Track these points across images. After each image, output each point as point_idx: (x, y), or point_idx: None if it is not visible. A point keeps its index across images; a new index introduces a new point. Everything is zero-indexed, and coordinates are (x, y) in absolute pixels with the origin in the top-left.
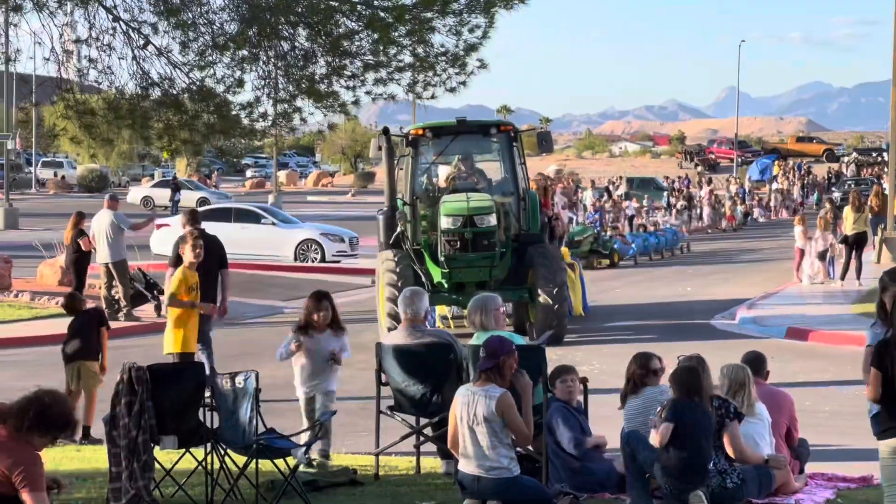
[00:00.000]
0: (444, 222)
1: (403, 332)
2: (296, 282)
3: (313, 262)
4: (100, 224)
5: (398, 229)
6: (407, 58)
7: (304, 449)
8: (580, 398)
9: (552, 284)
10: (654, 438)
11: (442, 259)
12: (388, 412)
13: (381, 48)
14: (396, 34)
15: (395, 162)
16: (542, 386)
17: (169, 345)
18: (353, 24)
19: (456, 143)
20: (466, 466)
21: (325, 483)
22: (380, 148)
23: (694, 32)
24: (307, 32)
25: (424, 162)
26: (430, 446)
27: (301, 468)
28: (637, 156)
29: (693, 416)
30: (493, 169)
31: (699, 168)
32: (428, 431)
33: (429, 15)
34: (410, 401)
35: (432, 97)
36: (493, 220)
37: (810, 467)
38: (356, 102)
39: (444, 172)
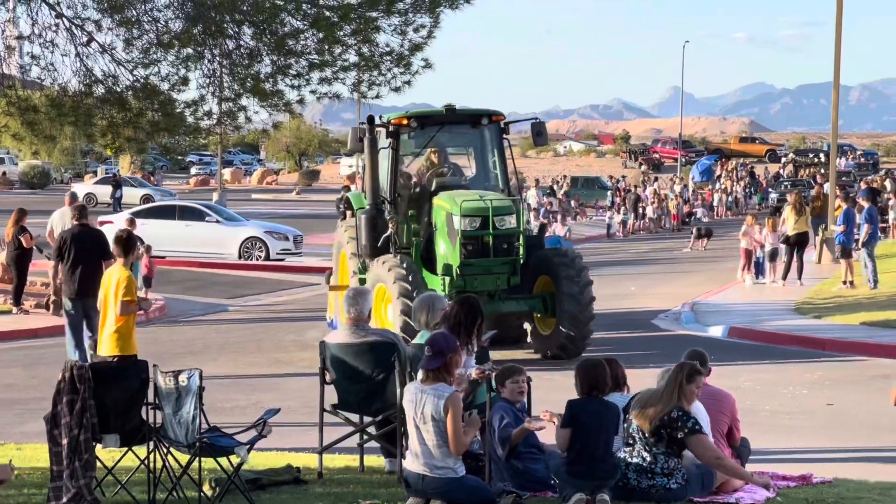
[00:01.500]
0: (461, 223)
1: (347, 331)
2: (240, 280)
3: (258, 260)
4: (61, 221)
5: (389, 231)
6: (352, 57)
7: (247, 447)
8: (524, 399)
9: (579, 286)
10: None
11: (454, 265)
12: (332, 410)
13: (327, 47)
14: (341, 33)
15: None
16: (486, 385)
17: (117, 348)
18: (298, 23)
19: (442, 133)
20: (412, 465)
21: (268, 482)
22: (360, 139)
23: (639, 31)
24: (252, 31)
25: (404, 155)
26: (374, 444)
27: (244, 466)
28: (582, 155)
29: (592, 414)
30: (468, 163)
31: (643, 167)
32: (371, 430)
33: (374, 14)
34: (354, 399)
35: (377, 96)
36: (514, 221)
37: (751, 466)
38: (301, 101)
39: (415, 166)
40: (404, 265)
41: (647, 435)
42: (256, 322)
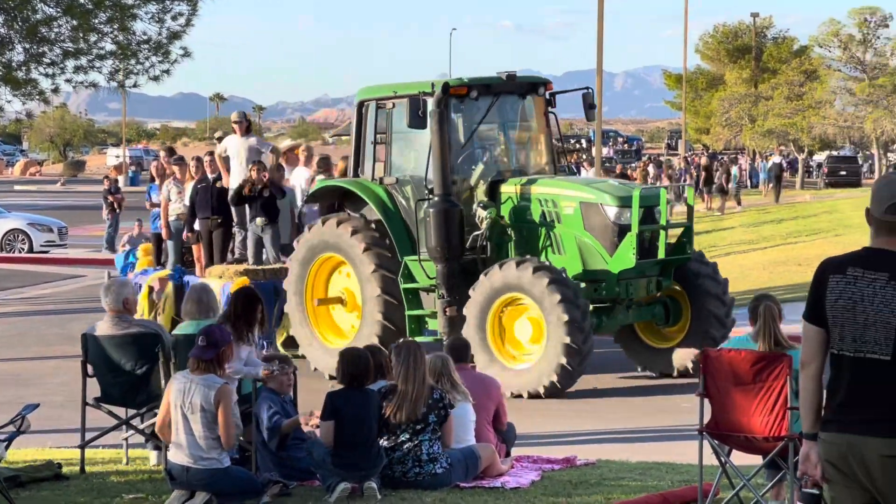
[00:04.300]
0: (619, 216)
1: (109, 323)
2: (1, 273)
3: (20, 252)
4: None
5: (483, 229)
6: (108, 45)
7: (5, 444)
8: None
9: (722, 285)
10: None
11: (617, 269)
12: (95, 404)
13: (81, 35)
14: (97, 21)
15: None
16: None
17: None
18: (51, 10)
19: (495, 106)
20: (176, 456)
21: (27, 478)
22: (420, 113)
23: (406, 19)
24: (3, 18)
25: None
26: (139, 438)
27: (2, 464)
28: (350, 143)
29: (353, 405)
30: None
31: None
32: (136, 423)
33: (130, 2)
34: (118, 392)
35: (135, 85)
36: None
37: (517, 450)
38: (56, 90)
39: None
40: (560, 276)
41: (411, 423)
42: (19, 315)
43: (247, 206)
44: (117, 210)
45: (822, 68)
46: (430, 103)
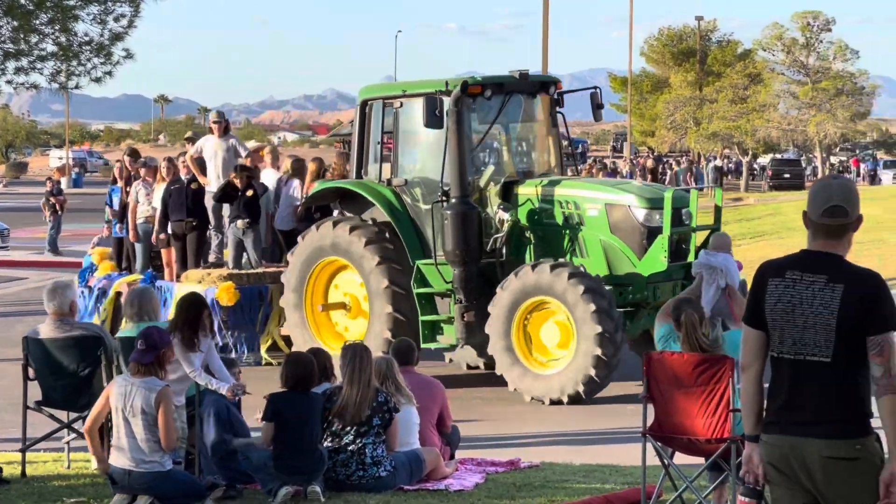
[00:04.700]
0: (650, 218)
1: (51, 325)
2: None
3: None
4: None
5: (504, 230)
6: (50, 46)
7: None
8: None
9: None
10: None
11: (648, 272)
12: (36, 407)
13: (22, 36)
14: (38, 22)
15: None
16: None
17: None
18: None
19: (506, 105)
20: (118, 459)
21: None
22: (437, 113)
23: (352, 21)
24: None
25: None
26: (81, 441)
27: None
28: (296, 145)
29: (295, 407)
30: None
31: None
32: (78, 426)
33: (71, 3)
34: (60, 395)
35: (77, 87)
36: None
37: (461, 453)
38: None
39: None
40: (598, 283)
41: (354, 426)
42: None
43: (227, 206)
44: (59, 212)
45: (766, 72)
46: (448, 102)
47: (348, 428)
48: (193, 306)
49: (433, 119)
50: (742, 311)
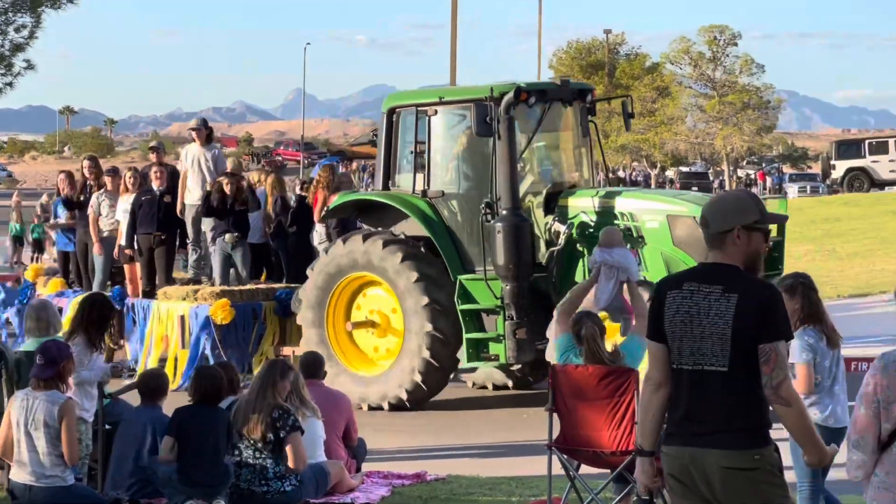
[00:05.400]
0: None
1: None
2: None
3: None
4: None
5: (560, 243)
6: None
7: None
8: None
9: None
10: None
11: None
12: None
13: None
14: None
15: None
16: (99, 391)
17: None
18: None
19: (546, 113)
20: (18, 475)
21: None
22: (487, 120)
23: (261, 33)
24: None
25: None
26: None
27: None
28: None
29: (200, 422)
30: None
31: (267, 169)
32: None
33: None
34: None
35: None
36: None
37: (367, 466)
38: None
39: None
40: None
41: (255, 440)
42: None
43: (214, 220)
44: None
45: (674, 85)
46: (498, 109)
47: (250, 441)
48: (103, 307)
49: (483, 127)
50: (640, 304)
